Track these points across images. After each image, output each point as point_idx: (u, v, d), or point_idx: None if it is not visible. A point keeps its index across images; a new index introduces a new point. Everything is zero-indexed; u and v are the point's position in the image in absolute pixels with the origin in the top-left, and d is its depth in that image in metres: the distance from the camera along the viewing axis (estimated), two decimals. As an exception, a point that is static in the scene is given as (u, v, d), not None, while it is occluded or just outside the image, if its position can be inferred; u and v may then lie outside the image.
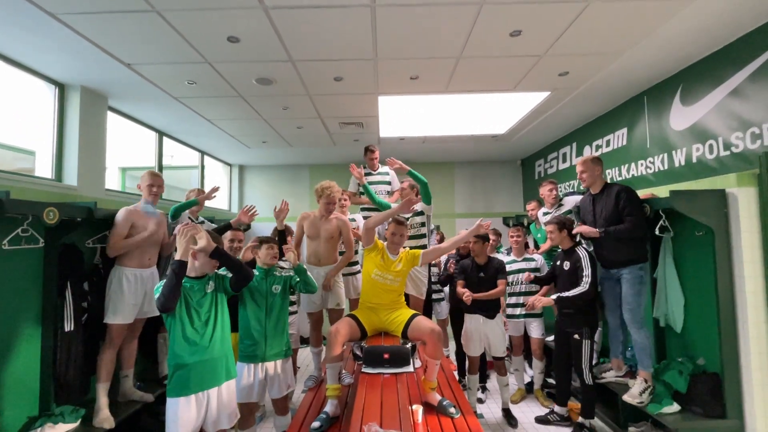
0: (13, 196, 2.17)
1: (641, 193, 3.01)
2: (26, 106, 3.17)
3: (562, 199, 3.82)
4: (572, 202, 3.60)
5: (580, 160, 3.10)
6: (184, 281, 2.05)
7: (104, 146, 3.39)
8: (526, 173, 6.47)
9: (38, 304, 2.50)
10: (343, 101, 3.74)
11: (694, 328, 2.85)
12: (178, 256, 2.01)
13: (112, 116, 3.66)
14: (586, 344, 3.02)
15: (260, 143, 5.16)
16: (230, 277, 2.24)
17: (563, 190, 4.95)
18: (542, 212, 3.99)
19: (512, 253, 3.93)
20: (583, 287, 2.95)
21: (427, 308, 3.99)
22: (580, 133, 4.72)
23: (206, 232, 2.12)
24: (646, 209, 2.90)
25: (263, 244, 2.58)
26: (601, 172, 3.05)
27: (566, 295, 2.99)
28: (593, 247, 3.12)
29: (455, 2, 2.23)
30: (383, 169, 4.14)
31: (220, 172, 6.25)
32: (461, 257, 3.91)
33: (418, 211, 3.42)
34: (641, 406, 2.75)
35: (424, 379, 2.50)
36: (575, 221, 3.31)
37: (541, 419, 3.40)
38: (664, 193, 2.95)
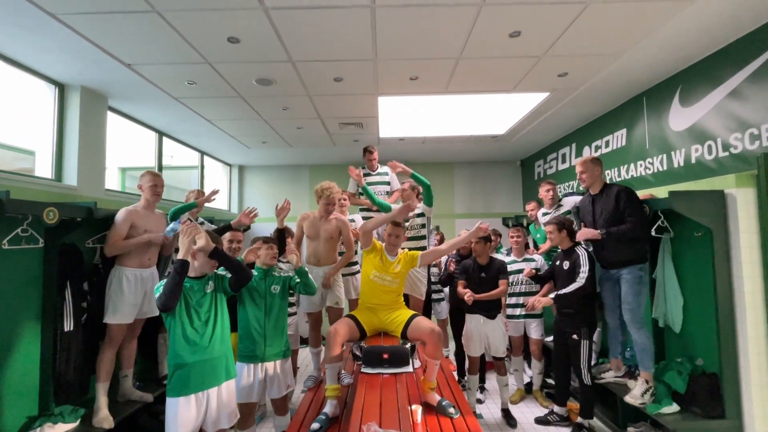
0: (13, 196, 2.17)
1: (640, 193, 3.02)
2: (26, 106, 3.17)
3: (561, 199, 3.83)
4: (571, 202, 3.61)
5: (579, 160, 3.11)
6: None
7: (104, 146, 3.39)
8: (525, 174, 6.48)
9: (38, 304, 2.50)
10: (342, 102, 3.74)
11: (692, 328, 2.85)
12: (180, 255, 2.02)
13: (112, 116, 3.66)
14: (584, 344, 3.03)
15: (260, 143, 5.16)
16: (229, 277, 2.24)
17: (563, 190, 4.95)
18: (541, 213, 4.00)
19: (512, 253, 3.93)
20: (579, 282, 2.96)
21: (426, 308, 3.99)
22: (579, 133, 4.73)
23: (205, 232, 2.13)
24: (645, 210, 2.91)
25: (263, 244, 2.59)
26: (600, 172, 3.06)
27: (564, 291, 2.99)
28: (593, 247, 3.13)
29: (455, 3, 2.23)
30: (382, 169, 4.13)
31: (219, 172, 6.24)
32: (461, 257, 3.91)
33: (419, 212, 3.43)
34: (643, 407, 2.75)
35: (423, 379, 2.50)
36: (574, 222, 3.32)
37: (540, 420, 3.40)
38: (663, 193, 2.96)
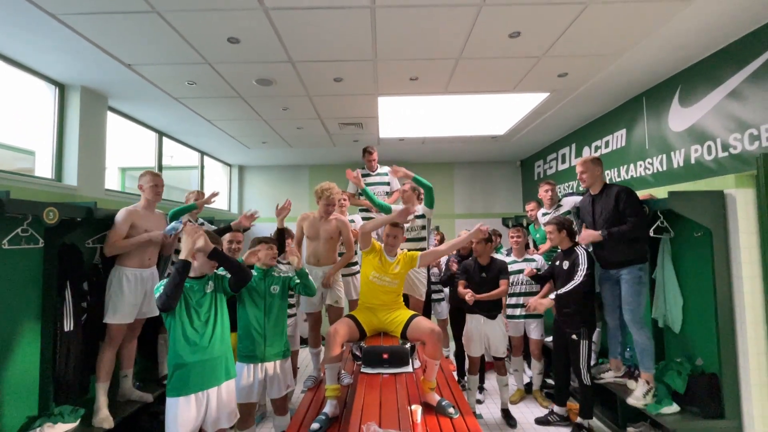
0: (13, 196, 2.17)
1: (640, 194, 3.01)
2: (26, 106, 3.17)
3: (560, 199, 3.83)
4: (571, 202, 3.61)
5: (580, 160, 3.11)
6: (183, 281, 2.05)
7: (104, 146, 3.39)
8: (525, 174, 6.48)
9: (38, 304, 2.50)
10: (342, 102, 3.74)
11: (692, 328, 2.86)
12: (182, 255, 2.03)
13: (112, 116, 3.66)
14: (583, 344, 3.03)
15: (260, 144, 5.16)
16: (229, 277, 2.25)
17: (562, 190, 4.96)
18: (541, 213, 4.00)
19: (513, 253, 3.93)
20: (577, 279, 2.95)
21: (426, 309, 3.99)
22: (579, 134, 4.73)
23: (205, 232, 2.13)
24: (645, 210, 2.91)
25: (263, 244, 2.59)
26: (601, 172, 3.06)
27: (562, 290, 3.00)
28: (593, 247, 3.13)
29: (455, 3, 2.23)
30: (382, 170, 4.13)
31: (219, 172, 6.24)
32: (462, 258, 3.91)
33: (419, 214, 3.42)
34: (645, 408, 2.75)
35: (423, 379, 2.50)
36: (574, 222, 3.32)
37: (540, 420, 3.40)
38: (662, 194, 2.96)
